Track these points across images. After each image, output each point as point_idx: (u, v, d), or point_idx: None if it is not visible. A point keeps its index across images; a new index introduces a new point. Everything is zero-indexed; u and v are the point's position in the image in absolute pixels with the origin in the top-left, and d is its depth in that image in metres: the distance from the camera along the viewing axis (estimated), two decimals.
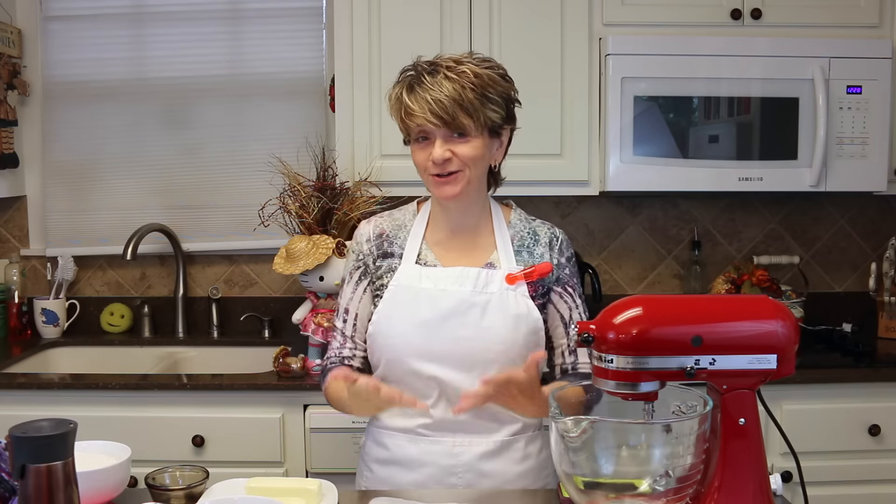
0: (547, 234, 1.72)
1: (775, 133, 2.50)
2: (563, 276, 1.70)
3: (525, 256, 1.68)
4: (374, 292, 1.69)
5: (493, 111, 1.58)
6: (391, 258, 1.69)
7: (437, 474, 1.62)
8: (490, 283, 1.62)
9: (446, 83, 1.54)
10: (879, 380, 2.36)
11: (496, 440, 1.64)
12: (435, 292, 1.62)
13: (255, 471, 2.15)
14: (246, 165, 2.91)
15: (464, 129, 1.56)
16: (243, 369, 2.47)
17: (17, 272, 2.88)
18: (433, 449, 1.63)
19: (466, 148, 1.57)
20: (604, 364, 1.20)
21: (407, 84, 1.59)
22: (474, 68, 1.56)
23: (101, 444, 1.49)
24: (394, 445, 1.66)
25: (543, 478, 1.69)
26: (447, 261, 1.67)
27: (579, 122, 2.55)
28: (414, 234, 1.70)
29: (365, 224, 1.75)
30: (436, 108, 1.53)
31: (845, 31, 2.55)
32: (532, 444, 1.68)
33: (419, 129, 1.58)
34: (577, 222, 2.95)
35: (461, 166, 1.58)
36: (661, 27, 2.54)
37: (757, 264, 2.88)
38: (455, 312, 1.60)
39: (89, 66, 2.90)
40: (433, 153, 1.57)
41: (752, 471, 1.21)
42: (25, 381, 2.32)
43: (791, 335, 1.20)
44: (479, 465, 1.62)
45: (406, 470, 1.64)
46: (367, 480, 1.71)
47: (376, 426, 1.71)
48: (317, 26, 2.89)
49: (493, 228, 1.70)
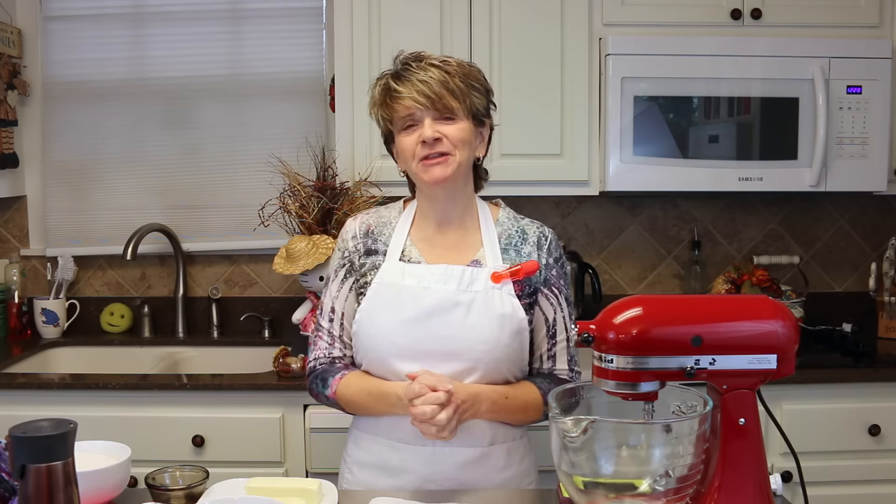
0: (535, 233, 1.70)
1: (775, 133, 2.50)
2: (551, 276, 1.68)
3: (512, 255, 1.67)
4: (359, 290, 1.68)
5: (477, 98, 1.62)
6: (375, 255, 1.67)
7: (416, 481, 1.61)
8: (475, 282, 1.61)
9: (433, 69, 1.59)
10: (879, 380, 2.36)
11: (477, 450, 1.62)
12: (418, 290, 1.60)
13: (255, 471, 2.15)
14: (246, 165, 2.91)
15: (451, 111, 1.58)
16: (243, 369, 2.47)
17: (17, 272, 2.88)
18: (413, 458, 1.61)
19: (454, 129, 1.59)
20: (604, 364, 1.20)
21: (393, 73, 1.62)
22: (458, 61, 1.63)
23: (101, 444, 1.49)
24: (374, 450, 1.66)
25: (526, 485, 1.68)
26: (432, 257, 1.66)
27: (579, 122, 2.55)
28: (399, 231, 1.69)
29: (351, 221, 1.74)
30: (423, 89, 1.56)
31: (845, 31, 2.55)
32: (514, 452, 1.67)
33: (406, 114, 1.59)
34: (577, 222, 2.95)
35: (450, 148, 1.59)
36: (661, 27, 2.54)
37: (757, 264, 2.88)
38: (439, 310, 1.59)
39: (89, 66, 2.90)
40: (423, 132, 1.57)
41: (752, 471, 1.21)
42: (25, 381, 2.32)
43: (791, 335, 1.20)
44: (458, 475, 1.61)
45: (386, 475, 1.63)
46: (347, 482, 1.70)
47: (357, 428, 1.71)
48: (317, 26, 2.89)
49: (479, 225, 1.69)
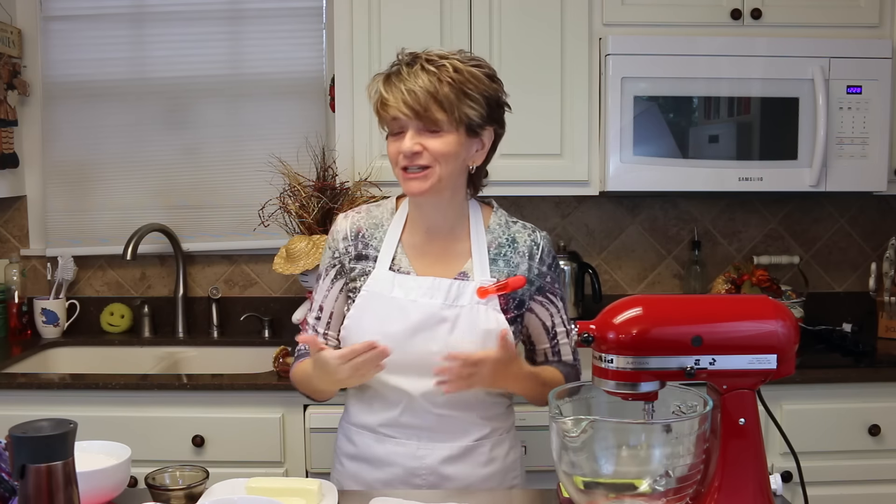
0: (527, 242, 1.67)
1: (775, 133, 2.50)
2: (545, 284, 1.67)
3: (501, 266, 1.64)
4: (348, 293, 1.67)
5: (471, 108, 1.54)
6: (366, 260, 1.66)
7: (402, 475, 1.62)
8: (461, 296, 1.59)
9: (423, 74, 1.51)
10: (879, 380, 2.36)
11: (460, 445, 1.63)
12: (405, 303, 1.59)
13: (255, 471, 2.15)
14: (246, 165, 2.91)
15: (437, 124, 1.52)
16: (243, 369, 2.47)
17: (17, 272, 2.88)
18: (398, 450, 1.63)
19: (438, 143, 1.53)
20: (604, 364, 1.20)
21: (385, 76, 1.57)
22: (457, 64, 1.54)
23: (101, 444, 1.49)
24: (361, 443, 1.67)
25: (510, 480, 1.69)
26: (421, 268, 1.64)
27: (579, 122, 2.55)
28: (390, 235, 1.66)
29: (342, 220, 1.71)
30: (408, 99, 1.50)
31: (845, 31, 2.55)
32: (498, 447, 1.67)
33: (393, 121, 1.56)
34: (577, 222, 2.95)
35: (431, 161, 1.54)
36: (661, 27, 2.54)
37: (757, 264, 2.88)
38: (424, 326, 1.58)
39: (89, 66, 2.90)
40: (402, 145, 1.54)
41: (752, 471, 1.21)
42: (25, 381, 2.32)
43: (791, 335, 1.20)
44: (441, 469, 1.62)
45: (372, 467, 1.65)
46: (338, 473, 1.72)
47: (346, 422, 1.73)
48: (317, 26, 2.89)
49: (469, 233, 1.66)
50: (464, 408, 1.62)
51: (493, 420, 1.67)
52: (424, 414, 1.61)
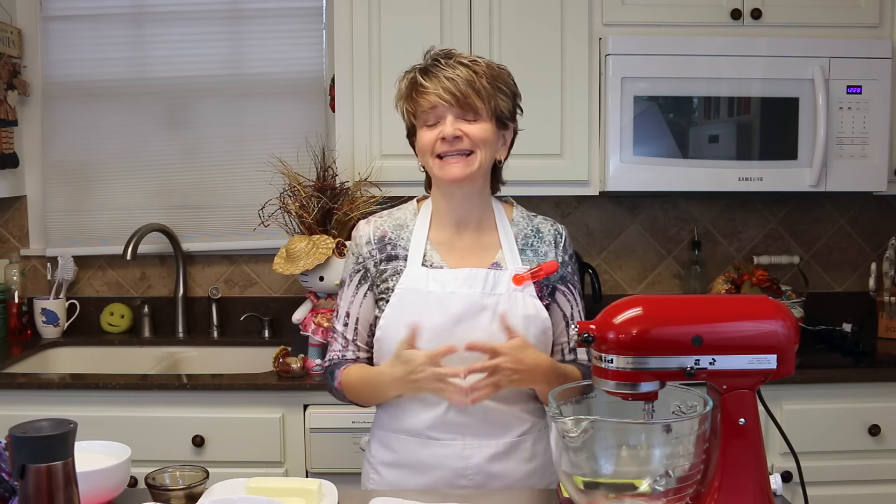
0: (551, 232, 1.73)
1: (775, 133, 2.50)
2: (567, 273, 1.71)
3: (530, 255, 1.68)
4: (379, 295, 1.67)
5: (503, 101, 1.62)
6: (396, 260, 1.67)
7: (448, 476, 1.61)
8: (498, 285, 1.62)
9: (461, 67, 1.59)
10: (879, 380, 2.36)
11: (505, 441, 1.63)
12: (443, 295, 1.60)
13: (255, 471, 2.15)
14: (246, 165, 2.91)
15: (475, 111, 1.58)
16: (243, 369, 2.47)
17: (17, 272, 2.88)
18: (444, 452, 1.62)
19: (477, 129, 1.59)
20: (604, 364, 1.20)
21: (421, 67, 1.63)
22: (487, 62, 1.63)
23: (101, 444, 1.49)
24: (401, 449, 1.65)
25: (550, 474, 1.69)
26: (453, 261, 1.66)
27: (579, 121, 2.55)
28: (417, 234, 1.68)
29: (364, 225, 1.73)
30: (449, 86, 1.57)
31: (845, 31, 2.55)
32: (539, 442, 1.68)
33: (431, 109, 1.59)
34: (577, 222, 2.95)
35: (472, 147, 1.59)
36: (660, 27, 2.54)
37: (757, 264, 2.88)
38: (465, 316, 1.59)
39: (89, 66, 2.90)
40: (444, 129, 1.58)
41: (752, 471, 1.21)
42: (25, 381, 2.32)
43: (791, 335, 1.20)
44: (488, 467, 1.62)
45: (415, 473, 1.64)
46: (374, 483, 1.70)
47: (381, 429, 1.70)
48: (317, 26, 2.89)
49: (496, 226, 1.70)
50: (508, 400, 1.63)
51: (533, 414, 1.68)
52: (471, 409, 1.59)
